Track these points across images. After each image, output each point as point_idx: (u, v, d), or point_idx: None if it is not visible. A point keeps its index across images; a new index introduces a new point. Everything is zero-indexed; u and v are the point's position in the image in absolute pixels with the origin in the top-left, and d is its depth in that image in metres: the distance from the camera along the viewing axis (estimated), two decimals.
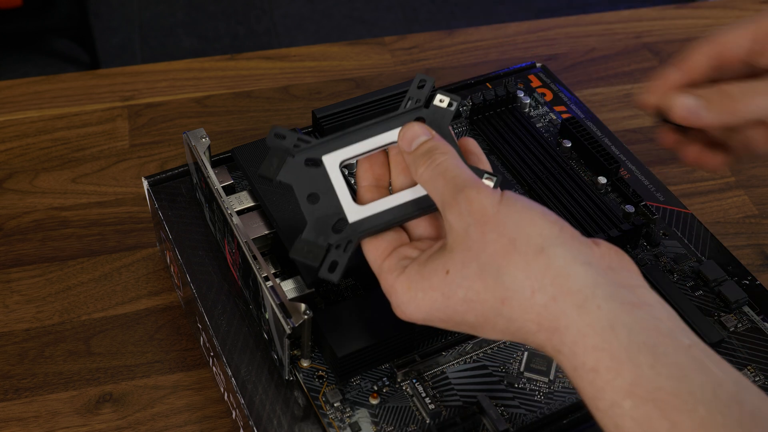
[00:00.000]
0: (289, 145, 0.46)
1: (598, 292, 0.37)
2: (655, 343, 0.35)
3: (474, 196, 0.40)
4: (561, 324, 0.37)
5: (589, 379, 0.36)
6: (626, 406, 0.35)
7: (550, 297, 0.37)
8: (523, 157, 0.63)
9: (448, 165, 0.42)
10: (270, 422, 0.51)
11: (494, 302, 0.39)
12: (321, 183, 0.46)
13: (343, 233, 0.45)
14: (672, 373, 0.34)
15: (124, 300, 0.66)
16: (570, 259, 0.38)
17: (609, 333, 0.36)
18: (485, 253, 0.39)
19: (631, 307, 0.37)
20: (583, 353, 0.36)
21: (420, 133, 0.44)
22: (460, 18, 2.09)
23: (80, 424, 0.59)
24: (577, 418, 0.50)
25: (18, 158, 0.77)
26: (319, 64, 0.86)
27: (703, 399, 0.34)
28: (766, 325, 0.55)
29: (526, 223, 0.39)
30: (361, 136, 0.46)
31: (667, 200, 0.63)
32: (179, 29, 2.04)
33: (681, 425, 0.34)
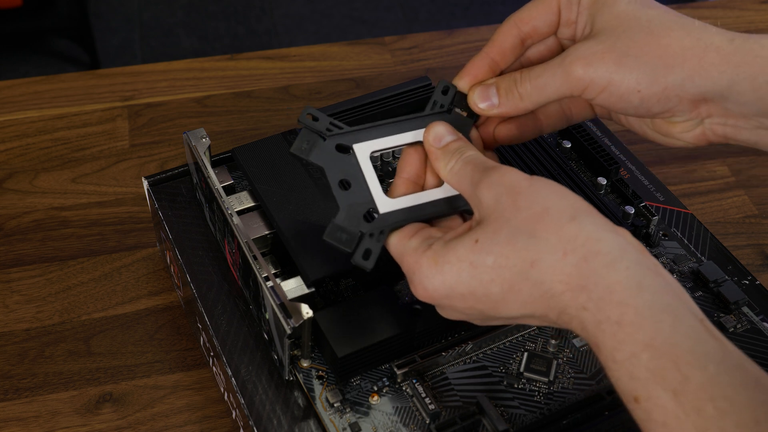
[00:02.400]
0: (322, 128, 0.47)
1: (626, 255, 0.39)
2: (676, 307, 0.38)
3: (506, 172, 0.43)
4: (590, 281, 0.39)
5: (612, 332, 0.38)
6: (644, 357, 0.37)
7: (581, 257, 0.39)
8: (523, 158, 0.63)
9: (477, 155, 0.45)
10: (270, 422, 0.51)
11: (523, 266, 0.40)
12: (351, 170, 0.47)
13: (375, 223, 0.46)
14: (689, 333, 0.37)
15: (124, 300, 0.66)
16: (600, 227, 0.40)
17: (635, 291, 0.38)
18: (517, 219, 0.41)
19: (655, 274, 0.39)
20: (609, 308, 0.38)
21: (446, 133, 0.47)
22: (460, 18, 2.09)
23: (80, 424, 0.59)
24: (577, 419, 0.50)
25: (18, 158, 0.77)
26: (319, 64, 0.86)
27: (714, 359, 0.36)
28: (765, 326, 0.55)
29: (557, 195, 0.41)
30: (391, 130, 0.48)
31: (667, 200, 0.63)
32: (179, 29, 2.04)
33: (692, 379, 0.36)
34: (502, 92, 0.47)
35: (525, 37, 0.48)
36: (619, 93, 0.44)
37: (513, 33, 0.48)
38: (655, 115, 0.46)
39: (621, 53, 0.44)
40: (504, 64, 0.48)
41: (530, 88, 0.46)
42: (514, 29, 0.48)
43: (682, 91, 0.44)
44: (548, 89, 0.46)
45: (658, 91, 0.44)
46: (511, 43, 0.48)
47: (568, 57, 0.45)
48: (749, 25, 0.92)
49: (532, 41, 0.49)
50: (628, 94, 0.44)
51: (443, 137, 0.46)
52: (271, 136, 0.61)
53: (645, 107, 0.45)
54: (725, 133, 0.46)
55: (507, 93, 0.47)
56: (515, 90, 0.47)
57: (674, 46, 0.44)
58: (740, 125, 0.46)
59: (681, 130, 0.47)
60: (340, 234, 0.45)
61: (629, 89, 0.44)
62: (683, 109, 0.45)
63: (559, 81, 0.45)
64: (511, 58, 0.48)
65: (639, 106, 0.45)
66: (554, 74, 0.46)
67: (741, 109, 0.45)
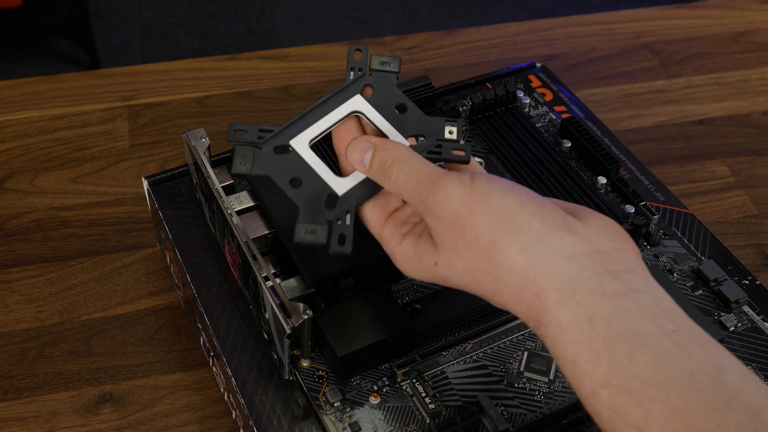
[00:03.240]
0: (253, 138, 0.46)
1: (579, 287, 0.38)
2: (635, 332, 0.36)
3: (441, 200, 0.41)
4: (544, 319, 0.38)
5: (570, 370, 0.37)
6: (603, 395, 0.36)
7: (533, 294, 0.39)
8: (523, 157, 0.63)
9: (405, 174, 0.43)
10: (270, 422, 0.51)
11: (486, 293, 0.41)
12: (297, 166, 0.46)
13: (338, 206, 0.46)
14: (648, 362, 0.35)
15: (124, 300, 0.66)
16: (552, 257, 0.38)
17: (587, 327, 0.37)
18: (468, 255, 0.40)
19: (613, 297, 0.37)
20: (564, 346, 0.38)
21: (363, 148, 0.45)
22: (460, 18, 2.09)
23: (80, 424, 0.59)
24: (577, 418, 0.50)
25: (18, 158, 0.77)
26: (319, 64, 0.86)
27: (679, 386, 0.34)
28: (766, 325, 0.55)
29: (501, 220, 0.39)
30: (319, 113, 0.47)
31: (667, 200, 0.63)
32: (179, 29, 2.04)
33: (653, 413, 0.34)
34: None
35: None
36: None
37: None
38: None
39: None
40: None
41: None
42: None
43: None
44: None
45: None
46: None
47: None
48: (749, 25, 0.92)
49: None
50: None
51: (362, 157, 0.44)
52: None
53: None
54: None
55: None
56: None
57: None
58: None
59: None
60: (308, 232, 0.45)
61: None
62: None
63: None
64: None
65: None
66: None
67: None
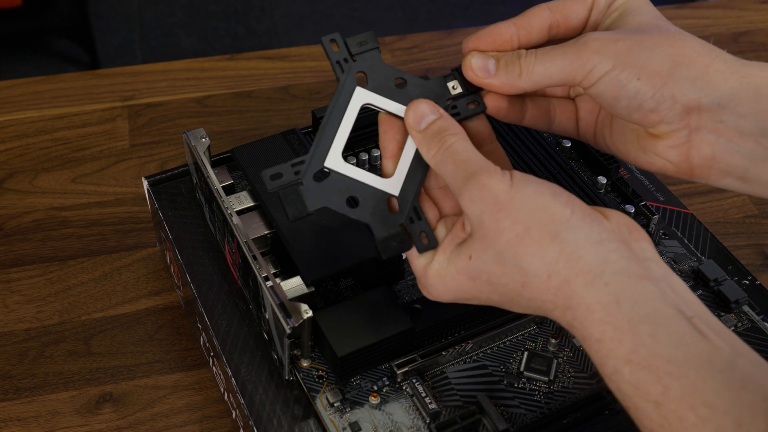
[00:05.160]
0: (291, 177, 0.45)
1: (607, 269, 0.39)
2: (658, 314, 0.38)
3: (485, 182, 0.42)
4: (573, 302, 0.40)
5: (596, 349, 0.39)
6: (626, 372, 0.37)
7: (563, 279, 0.40)
8: (523, 157, 0.63)
9: (458, 148, 0.44)
10: (270, 422, 0.51)
11: (515, 285, 0.41)
12: (345, 185, 0.45)
13: (401, 208, 0.45)
14: (670, 341, 0.37)
15: (124, 300, 0.66)
16: (581, 242, 0.40)
17: (614, 307, 0.38)
18: (501, 241, 0.41)
19: (638, 279, 0.39)
20: (591, 326, 0.39)
21: (428, 112, 0.45)
22: (460, 18, 2.09)
23: (80, 424, 0.59)
24: (577, 418, 0.50)
25: (18, 158, 0.77)
26: (319, 64, 0.86)
27: (697, 365, 0.36)
28: (766, 325, 0.55)
29: (538, 209, 0.41)
30: (335, 122, 0.46)
31: (667, 200, 0.63)
32: (179, 29, 2.04)
33: (672, 389, 0.36)
34: (501, 64, 0.46)
35: (553, 24, 0.47)
36: (619, 79, 0.43)
37: (544, 15, 0.47)
38: (643, 115, 0.44)
39: (634, 42, 0.44)
40: (525, 41, 0.47)
41: (535, 62, 0.45)
42: (545, 11, 0.47)
43: (680, 92, 0.43)
44: (554, 67, 0.44)
45: (657, 84, 0.43)
46: (539, 23, 0.47)
47: (582, 37, 0.44)
48: (749, 25, 0.92)
49: (557, 32, 0.47)
50: (627, 80, 0.43)
51: (423, 118, 0.45)
52: (271, 136, 0.61)
53: (637, 100, 0.44)
54: (714, 153, 0.44)
55: (506, 65, 0.46)
56: (517, 64, 0.45)
57: (686, 48, 0.44)
58: (733, 144, 0.44)
59: (667, 144, 0.45)
60: (390, 244, 0.45)
61: (630, 75, 0.43)
62: (674, 116, 0.44)
63: (569, 59, 0.44)
64: (534, 38, 0.47)
65: (632, 98, 0.43)
66: (565, 52, 0.44)
67: (738, 122, 0.43)
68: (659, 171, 0.47)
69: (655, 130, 0.45)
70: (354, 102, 0.46)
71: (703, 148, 0.44)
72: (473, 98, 0.47)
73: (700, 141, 0.44)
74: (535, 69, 0.45)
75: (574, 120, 0.50)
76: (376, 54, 0.47)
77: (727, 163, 0.44)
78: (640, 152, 0.47)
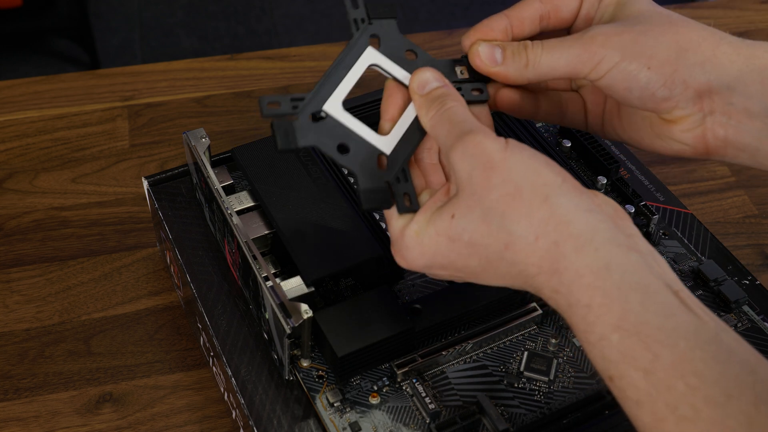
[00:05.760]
0: (288, 109, 0.45)
1: (597, 236, 0.39)
2: (647, 283, 0.38)
3: (480, 140, 0.42)
4: (561, 266, 0.39)
5: (582, 315, 0.38)
6: (614, 339, 0.37)
7: (552, 242, 0.39)
8: None
9: (457, 111, 0.44)
10: (270, 422, 0.51)
11: (497, 246, 0.41)
12: (339, 132, 0.45)
13: (390, 166, 0.45)
14: (659, 310, 0.37)
15: (124, 300, 0.66)
16: (572, 207, 0.40)
17: (604, 272, 0.38)
18: (489, 199, 0.40)
19: (627, 250, 0.39)
20: (579, 291, 0.38)
21: (432, 79, 0.46)
22: (460, 18, 2.09)
23: (80, 424, 0.59)
24: (577, 418, 0.50)
25: (18, 158, 0.77)
26: (319, 64, 0.86)
27: (686, 335, 0.36)
28: (766, 325, 0.55)
29: (531, 171, 0.41)
30: (340, 73, 0.46)
31: (667, 200, 0.63)
32: (179, 29, 2.04)
33: (662, 357, 0.36)
34: (508, 53, 0.46)
35: (544, 15, 0.48)
36: (628, 70, 0.44)
37: (534, 6, 0.48)
38: (657, 103, 0.45)
39: (639, 33, 0.44)
40: (517, 32, 0.48)
41: (542, 53, 0.45)
42: (536, 3, 0.48)
43: (691, 77, 0.44)
44: (561, 59, 0.45)
45: (667, 72, 0.44)
46: (531, 14, 0.48)
47: (588, 32, 0.45)
48: (749, 25, 0.92)
49: (548, 23, 0.48)
50: (637, 70, 0.44)
51: (427, 84, 0.46)
52: (271, 136, 0.61)
53: (649, 90, 0.44)
54: (726, 135, 0.45)
55: (513, 55, 0.46)
56: (524, 54, 0.46)
57: (691, 34, 0.44)
58: (743, 125, 0.45)
59: (682, 129, 0.46)
60: (373, 197, 0.44)
61: (639, 65, 0.44)
62: (687, 100, 0.45)
63: (576, 52, 0.45)
64: (526, 29, 0.48)
65: (644, 88, 0.44)
66: (571, 45, 0.45)
67: (746, 103, 0.44)
68: (675, 154, 0.47)
69: (670, 115, 0.45)
70: (363, 59, 0.47)
71: (716, 130, 0.45)
72: (478, 86, 0.47)
73: (714, 123, 0.45)
74: (541, 60, 0.45)
75: (582, 112, 0.50)
76: (393, 23, 0.47)
77: (739, 143, 0.45)
78: (655, 138, 0.47)
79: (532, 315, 0.54)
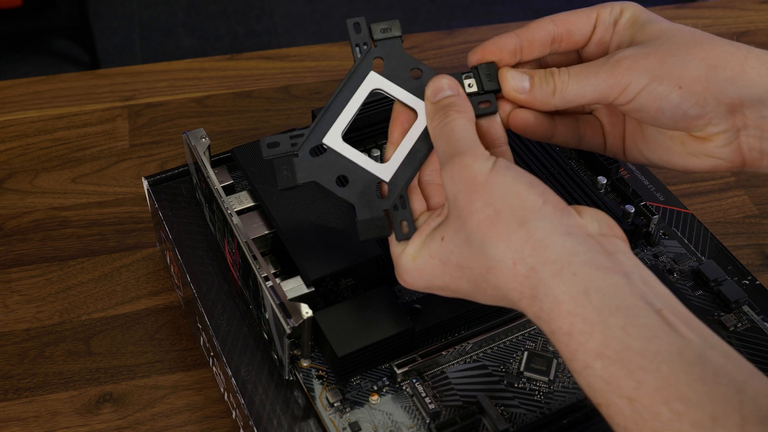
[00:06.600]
0: (287, 148, 0.45)
1: (575, 260, 0.38)
2: (627, 305, 0.37)
3: (467, 162, 0.42)
4: (540, 292, 0.39)
5: (565, 342, 0.38)
6: (597, 366, 0.37)
7: (529, 267, 0.39)
8: (523, 157, 0.63)
9: (456, 125, 0.44)
10: (270, 422, 0.51)
11: (480, 270, 0.41)
12: (338, 164, 0.46)
13: (390, 193, 0.45)
14: (641, 334, 0.36)
15: (124, 300, 0.66)
16: (549, 231, 0.39)
17: (583, 298, 0.37)
18: (471, 222, 0.41)
19: (607, 272, 0.38)
20: (559, 318, 0.38)
21: (446, 87, 0.46)
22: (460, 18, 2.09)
23: (80, 424, 0.59)
24: (577, 418, 0.50)
25: (18, 158, 0.77)
26: (319, 64, 0.86)
27: (668, 358, 0.35)
28: (766, 325, 0.55)
29: (511, 194, 0.40)
30: (341, 102, 0.47)
31: (667, 200, 0.63)
32: (179, 29, 2.04)
33: (645, 383, 0.35)
34: (535, 81, 0.46)
35: (556, 38, 0.48)
36: (658, 91, 0.44)
37: (547, 28, 0.48)
38: (689, 122, 0.45)
39: (665, 53, 0.44)
40: (527, 53, 0.48)
41: (569, 81, 0.45)
42: (549, 25, 0.48)
43: (722, 93, 0.44)
44: (588, 86, 0.45)
45: (698, 90, 0.44)
46: (543, 36, 0.47)
47: (613, 56, 0.45)
48: (749, 25, 0.92)
49: (560, 46, 0.48)
50: (668, 91, 0.44)
51: (440, 92, 0.46)
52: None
53: (682, 109, 0.44)
54: (762, 147, 0.45)
55: (541, 83, 0.46)
56: (551, 81, 0.46)
57: (717, 50, 0.44)
58: None
59: (717, 145, 0.45)
60: (370, 227, 0.45)
61: (670, 86, 0.44)
62: (719, 117, 0.44)
63: (602, 78, 0.44)
64: (536, 50, 0.48)
65: (676, 107, 0.44)
66: (598, 72, 0.45)
67: None
68: (711, 170, 0.47)
69: (702, 133, 0.45)
70: (365, 85, 0.47)
71: (751, 142, 0.45)
72: (487, 98, 0.47)
73: (748, 136, 0.45)
74: (569, 87, 0.45)
75: (600, 135, 0.50)
76: (397, 42, 0.47)
77: None
78: (688, 157, 0.47)
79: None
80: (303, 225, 0.55)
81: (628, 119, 0.49)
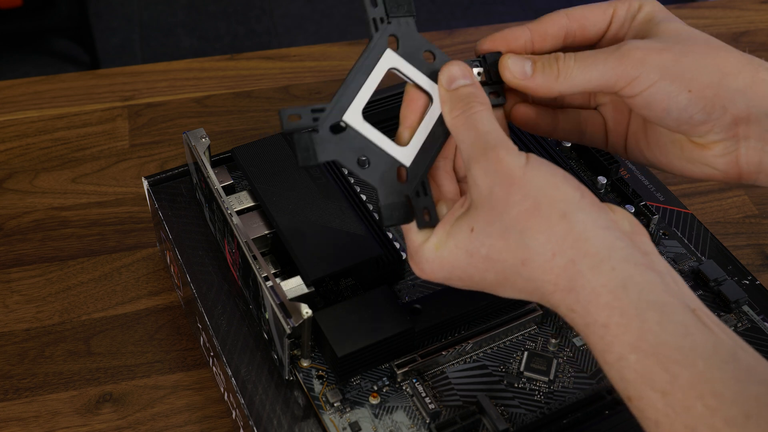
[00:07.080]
0: (309, 122, 0.44)
1: (614, 254, 0.39)
2: (664, 302, 0.38)
3: (502, 156, 0.41)
4: (577, 284, 0.39)
5: (600, 335, 0.38)
6: (631, 359, 0.37)
7: (568, 259, 0.39)
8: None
9: (483, 118, 0.43)
10: (270, 422, 0.51)
11: (514, 262, 0.41)
12: (359, 144, 0.45)
13: (410, 179, 0.45)
14: (677, 330, 0.37)
15: (124, 300, 0.66)
16: (590, 224, 0.40)
17: (621, 291, 0.38)
18: (509, 214, 0.40)
19: (644, 269, 0.39)
20: (596, 311, 0.38)
21: (460, 75, 0.45)
22: (460, 18, 2.09)
23: (80, 424, 0.59)
24: (577, 418, 0.50)
25: (18, 158, 0.77)
26: (319, 64, 0.86)
27: (704, 354, 0.36)
28: (766, 325, 0.55)
29: (550, 187, 0.40)
30: (360, 78, 0.45)
31: (667, 200, 0.63)
32: (179, 29, 2.04)
33: (680, 377, 0.36)
34: (538, 66, 0.45)
35: (569, 33, 0.47)
36: (668, 90, 0.43)
37: (561, 22, 0.47)
38: (692, 126, 0.44)
39: (680, 53, 0.44)
40: (539, 47, 0.47)
41: (574, 65, 0.45)
42: (563, 19, 0.47)
43: (731, 103, 0.43)
44: (594, 72, 0.44)
45: (708, 96, 0.43)
46: (555, 30, 0.47)
47: (623, 45, 0.44)
48: (749, 25, 0.92)
49: (573, 41, 0.47)
50: (677, 92, 0.43)
51: (455, 80, 0.45)
52: (271, 135, 0.61)
53: (688, 113, 0.44)
54: (761, 160, 0.45)
55: (544, 67, 0.45)
56: (555, 66, 0.45)
57: (731, 59, 0.44)
58: None
59: (715, 154, 0.45)
60: (394, 213, 0.44)
61: (680, 87, 0.43)
62: (722, 126, 0.44)
63: (610, 65, 0.44)
64: (548, 45, 0.47)
65: (682, 110, 0.44)
66: (606, 58, 0.44)
67: None
68: (705, 178, 0.47)
69: (702, 140, 0.45)
70: (382, 63, 0.46)
71: (750, 155, 0.45)
72: (495, 89, 0.47)
73: (748, 149, 0.45)
74: (573, 72, 0.45)
75: (603, 131, 0.50)
76: (411, 22, 0.47)
77: None
78: (685, 162, 0.47)
79: (532, 315, 0.54)
80: (303, 225, 0.55)
81: (633, 118, 0.49)
